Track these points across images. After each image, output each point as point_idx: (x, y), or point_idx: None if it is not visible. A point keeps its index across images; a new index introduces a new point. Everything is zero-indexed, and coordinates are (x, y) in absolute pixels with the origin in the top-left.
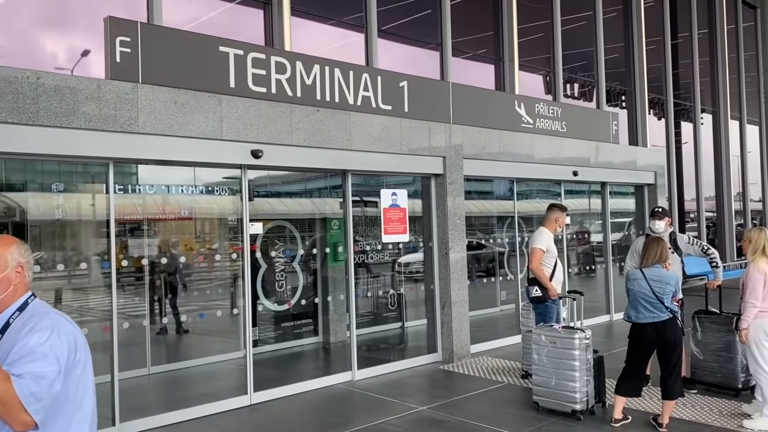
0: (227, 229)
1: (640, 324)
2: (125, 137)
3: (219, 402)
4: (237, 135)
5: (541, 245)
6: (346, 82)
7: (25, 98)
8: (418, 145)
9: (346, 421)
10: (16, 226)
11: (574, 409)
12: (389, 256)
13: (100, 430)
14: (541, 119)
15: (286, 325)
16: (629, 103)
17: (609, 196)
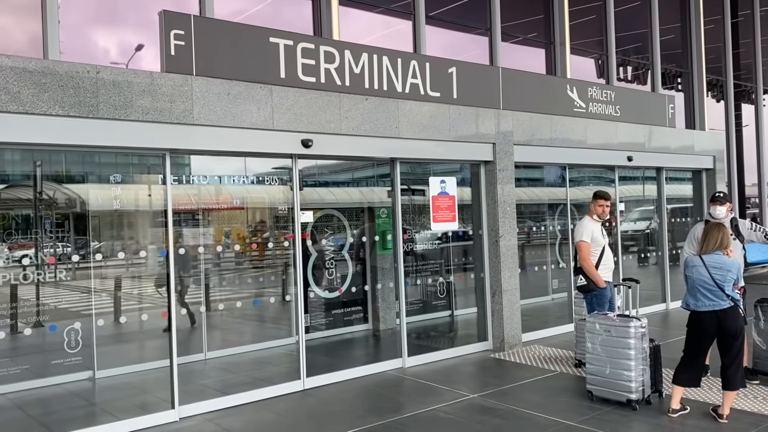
0: (278, 218)
1: (699, 312)
2: (181, 128)
3: (273, 387)
4: (287, 125)
5: (585, 237)
6: (394, 69)
7: (86, 92)
8: (467, 131)
9: (397, 407)
10: (77, 216)
11: (629, 398)
12: (439, 244)
13: (159, 412)
14: (594, 103)
15: (337, 312)
16: (686, 85)
17: (665, 181)
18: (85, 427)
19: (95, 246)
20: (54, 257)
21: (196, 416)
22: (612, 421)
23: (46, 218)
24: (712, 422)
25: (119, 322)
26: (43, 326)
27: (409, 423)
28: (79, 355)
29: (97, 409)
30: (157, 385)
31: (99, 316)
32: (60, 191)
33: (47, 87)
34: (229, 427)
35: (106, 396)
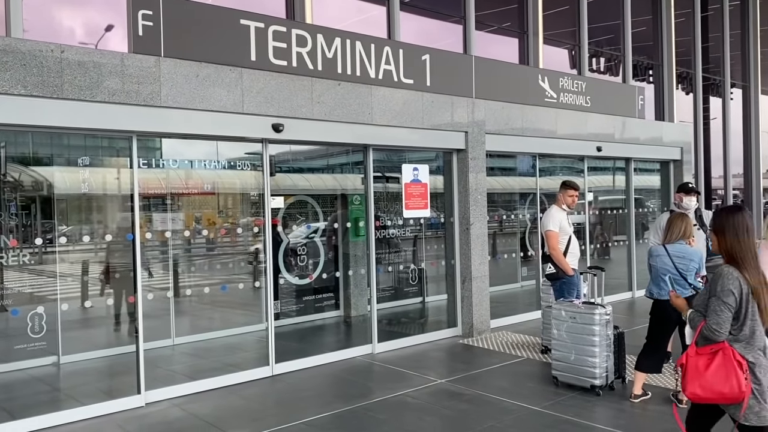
0: (249, 204)
1: (662, 300)
2: (148, 111)
3: (241, 372)
4: (258, 109)
5: (553, 226)
6: (367, 55)
7: (49, 72)
8: (440, 119)
9: (366, 392)
10: (43, 199)
11: (593, 384)
12: (410, 231)
13: (125, 397)
14: (565, 94)
15: (308, 298)
16: (656, 77)
17: (633, 172)
18: (49, 412)
19: (62, 230)
20: (16, 240)
21: (163, 401)
22: (576, 406)
23: (11, 201)
24: (672, 407)
25: (85, 307)
26: (6, 311)
27: (377, 408)
28: (44, 339)
29: (61, 395)
30: (123, 371)
31: (64, 301)
32: (26, 173)
33: (9, 65)
34: (197, 412)
35: (71, 381)
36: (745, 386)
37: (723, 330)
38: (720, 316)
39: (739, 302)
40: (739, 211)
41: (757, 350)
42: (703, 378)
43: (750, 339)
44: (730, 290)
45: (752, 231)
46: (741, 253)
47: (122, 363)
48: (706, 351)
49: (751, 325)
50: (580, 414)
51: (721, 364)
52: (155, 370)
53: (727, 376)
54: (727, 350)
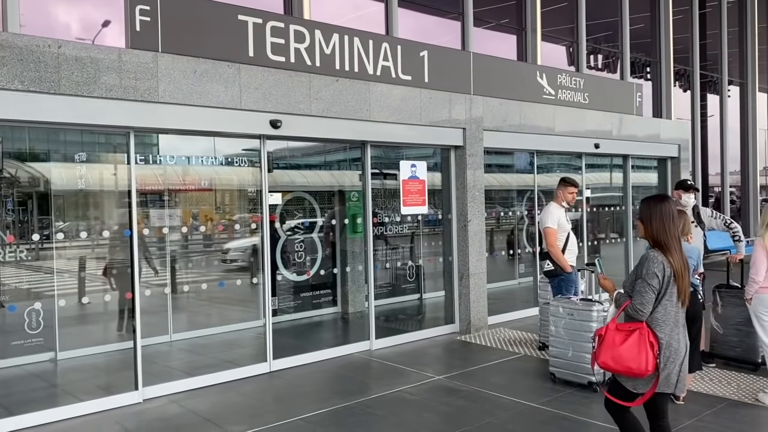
0: (247, 201)
1: None
2: (145, 106)
3: (239, 369)
4: (256, 105)
5: (552, 224)
6: (365, 51)
7: (47, 67)
8: (438, 116)
9: (363, 388)
10: (40, 195)
11: (590, 380)
12: (408, 228)
13: (122, 393)
14: (563, 90)
15: (305, 295)
16: (654, 74)
17: (631, 169)
18: (46, 408)
19: (59, 226)
20: (13, 236)
21: (161, 398)
22: (573, 402)
23: (7, 197)
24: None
25: (82, 303)
26: (3, 307)
27: (374, 404)
28: (41, 336)
29: (58, 391)
30: (121, 367)
31: (61, 297)
32: (23, 169)
33: (6, 60)
34: (194, 408)
35: (68, 377)
36: (652, 365)
37: (646, 310)
38: (644, 296)
39: (661, 284)
40: (665, 200)
41: (667, 329)
42: (616, 351)
43: (665, 318)
44: (654, 273)
45: (677, 219)
46: (666, 239)
47: (120, 359)
48: (625, 328)
49: (665, 305)
50: (577, 410)
51: (635, 342)
52: (153, 366)
53: (638, 353)
54: (644, 330)
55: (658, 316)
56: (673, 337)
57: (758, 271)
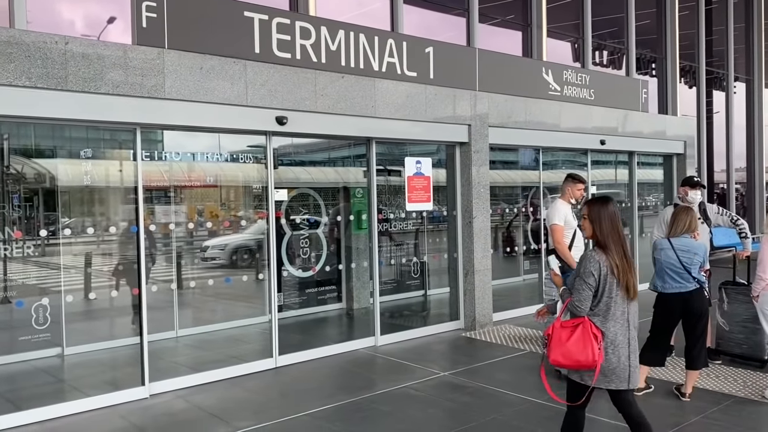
0: (252, 197)
1: (666, 294)
2: (152, 103)
3: (245, 364)
4: (262, 101)
5: (558, 220)
6: (371, 48)
7: (54, 63)
8: (443, 112)
9: (369, 384)
10: (46, 192)
11: None
12: (413, 224)
13: (129, 389)
14: (568, 87)
15: (310, 291)
16: (659, 70)
17: (637, 166)
18: (53, 403)
19: (65, 222)
20: (21, 231)
21: (167, 393)
22: None
23: (14, 193)
24: (675, 400)
25: (89, 299)
26: (10, 302)
27: (380, 400)
28: (48, 331)
29: (65, 386)
30: (127, 362)
31: (68, 293)
32: (29, 165)
33: (13, 57)
34: (200, 403)
35: (75, 373)
36: (598, 356)
37: (584, 306)
38: (581, 294)
39: (598, 282)
40: (610, 202)
41: (611, 324)
42: (565, 347)
43: (605, 314)
44: (590, 271)
45: (619, 219)
46: (610, 240)
47: (126, 355)
48: (569, 324)
49: (606, 301)
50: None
51: (580, 337)
52: (159, 362)
53: (584, 346)
54: (586, 324)
55: (599, 311)
56: (617, 330)
57: (765, 269)
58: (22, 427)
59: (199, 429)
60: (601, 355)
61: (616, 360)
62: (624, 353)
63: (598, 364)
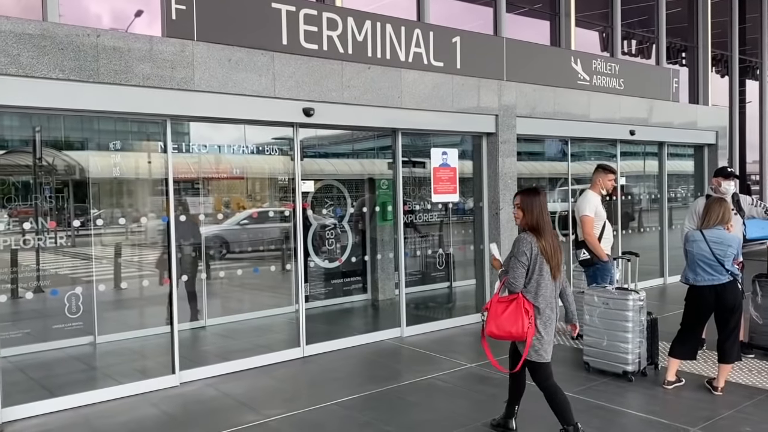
0: (277, 189)
1: (699, 286)
2: (182, 95)
3: (273, 353)
4: (289, 93)
5: (589, 212)
6: (397, 38)
7: (86, 56)
8: (470, 103)
9: (396, 374)
10: (76, 183)
11: (625, 370)
12: (438, 216)
13: (160, 377)
14: (597, 76)
15: (336, 282)
16: (690, 59)
17: (667, 157)
18: (87, 390)
19: (95, 213)
20: (55, 222)
21: (197, 381)
22: (608, 391)
23: (46, 185)
24: (706, 394)
25: (120, 288)
26: (43, 291)
27: (407, 390)
28: (80, 320)
29: (98, 373)
30: (158, 351)
31: (99, 282)
32: (59, 158)
33: (47, 50)
34: (230, 392)
35: (107, 361)
36: (528, 328)
37: (518, 283)
38: (516, 272)
39: (530, 261)
40: (540, 192)
41: (541, 299)
42: (499, 319)
43: (536, 291)
44: (523, 251)
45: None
46: (541, 225)
47: (156, 344)
48: (505, 300)
49: (537, 279)
50: (612, 399)
51: (513, 310)
52: (188, 351)
53: (516, 319)
54: (519, 300)
55: (530, 288)
56: (546, 306)
57: None
58: (58, 413)
59: (229, 417)
60: (532, 329)
61: (546, 334)
62: (552, 328)
63: (529, 336)
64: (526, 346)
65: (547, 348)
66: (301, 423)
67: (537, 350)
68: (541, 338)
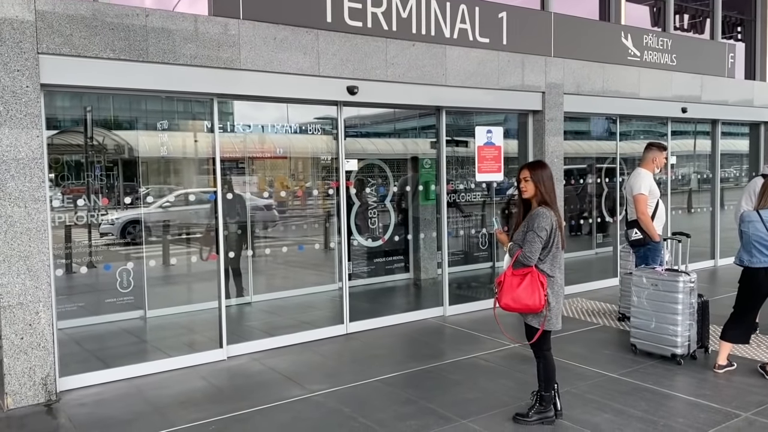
0: (321, 168)
1: (754, 268)
2: (228, 73)
3: (317, 330)
4: (334, 71)
5: (644, 190)
6: (442, 14)
7: (135, 36)
8: (516, 80)
9: (438, 353)
10: (125, 162)
11: (674, 353)
12: (481, 196)
13: (208, 351)
14: (648, 51)
15: (379, 260)
16: (747, 33)
17: (720, 135)
18: (139, 362)
19: (143, 191)
20: (107, 199)
21: (243, 356)
22: (655, 374)
23: (97, 163)
24: (759, 379)
25: (169, 265)
26: (95, 267)
27: (450, 369)
28: (131, 294)
29: (148, 347)
30: (205, 326)
31: (149, 259)
32: (110, 137)
33: (98, 30)
34: (275, 366)
35: (157, 334)
36: (544, 300)
37: (534, 257)
38: (533, 245)
39: (549, 235)
40: (547, 165)
41: (556, 269)
42: (515, 292)
43: (553, 262)
44: (544, 227)
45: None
46: (552, 198)
47: (204, 319)
48: (519, 273)
49: (554, 252)
50: (659, 382)
51: (529, 284)
52: (235, 326)
53: (532, 292)
54: (534, 273)
55: (547, 260)
56: (561, 277)
57: None
58: (112, 384)
59: (274, 390)
60: (545, 300)
61: (557, 304)
62: (561, 298)
63: (545, 309)
64: (544, 318)
65: (557, 317)
66: (345, 398)
67: (551, 320)
68: (551, 308)
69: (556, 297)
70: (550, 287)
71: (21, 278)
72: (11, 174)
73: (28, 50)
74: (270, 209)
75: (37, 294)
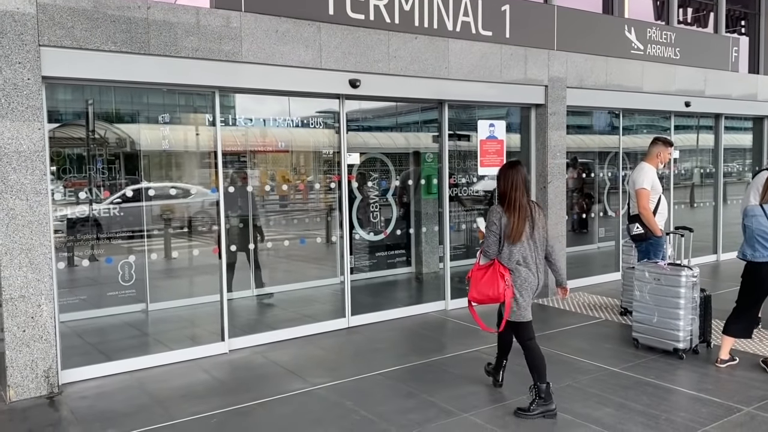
0: (323, 162)
1: (757, 263)
2: (230, 66)
3: (318, 323)
4: (336, 64)
5: (647, 184)
6: (445, 6)
7: (137, 28)
8: (519, 73)
9: (440, 347)
10: (127, 155)
11: (676, 347)
12: (484, 190)
13: (209, 344)
14: (652, 45)
15: (380, 254)
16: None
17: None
18: (140, 355)
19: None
20: (108, 192)
21: (245, 349)
22: (657, 368)
23: (99, 156)
24: (761, 374)
25: (170, 258)
26: (97, 260)
27: (451, 363)
28: (133, 288)
29: (150, 339)
30: (207, 319)
31: (151, 252)
32: (111, 131)
33: (100, 22)
34: (277, 359)
35: (159, 327)
36: (504, 290)
37: (491, 250)
38: (488, 239)
39: (499, 230)
40: (518, 165)
41: (515, 263)
42: (479, 284)
43: (509, 256)
44: (492, 221)
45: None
46: (511, 197)
47: (206, 312)
48: (484, 266)
49: (508, 245)
50: (661, 376)
51: (490, 275)
52: (237, 319)
53: (492, 283)
54: (496, 266)
55: (504, 254)
56: (520, 269)
57: None
58: (113, 376)
59: (276, 383)
60: (509, 291)
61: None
62: (529, 291)
63: (507, 299)
64: (506, 308)
65: (525, 308)
66: (347, 391)
67: (515, 311)
68: (518, 300)
69: (519, 289)
70: (514, 280)
71: (23, 271)
72: (13, 167)
73: (30, 42)
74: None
75: (39, 287)
